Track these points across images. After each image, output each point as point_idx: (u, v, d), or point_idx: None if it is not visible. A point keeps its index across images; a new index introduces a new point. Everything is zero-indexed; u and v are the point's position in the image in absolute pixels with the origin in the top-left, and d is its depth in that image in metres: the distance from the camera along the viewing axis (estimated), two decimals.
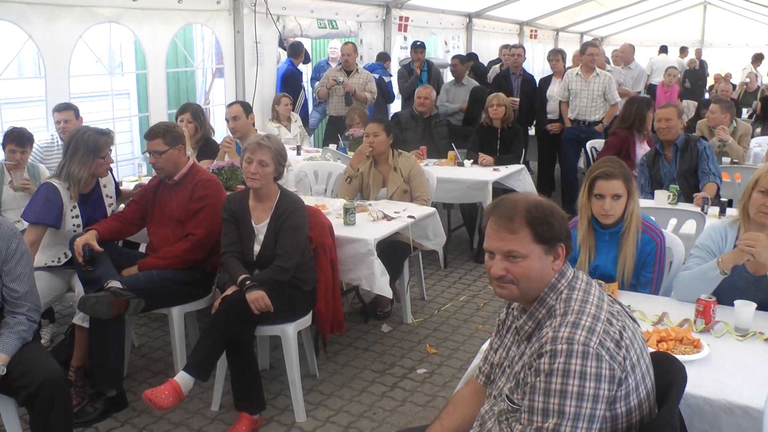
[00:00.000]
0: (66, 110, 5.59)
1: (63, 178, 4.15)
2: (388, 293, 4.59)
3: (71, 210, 4.19)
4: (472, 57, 11.08)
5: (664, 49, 15.53)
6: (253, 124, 6.12)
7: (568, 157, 8.58)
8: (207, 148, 5.81)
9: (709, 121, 7.22)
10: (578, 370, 1.91)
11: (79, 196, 4.22)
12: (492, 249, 2.13)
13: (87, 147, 4.14)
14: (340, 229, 4.57)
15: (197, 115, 5.81)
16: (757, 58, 14.60)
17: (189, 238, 4.18)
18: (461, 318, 5.53)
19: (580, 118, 8.43)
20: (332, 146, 7.75)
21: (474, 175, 6.67)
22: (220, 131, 7.35)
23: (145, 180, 5.48)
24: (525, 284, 2.11)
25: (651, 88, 13.10)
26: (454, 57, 9.76)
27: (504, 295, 2.15)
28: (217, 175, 5.04)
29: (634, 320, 2.16)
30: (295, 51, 9.35)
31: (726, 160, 6.85)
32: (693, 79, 14.93)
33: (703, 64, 16.21)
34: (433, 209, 5.27)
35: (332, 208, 5.09)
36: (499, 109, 7.25)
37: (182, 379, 3.59)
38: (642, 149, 6.67)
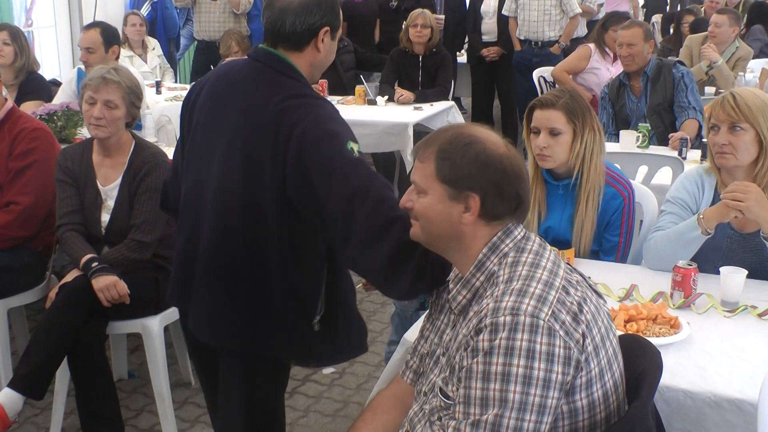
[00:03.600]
0: None
1: None
2: None
3: None
4: None
5: None
6: (117, 58, 5.92)
7: (522, 89, 8.62)
8: (31, 85, 5.63)
9: (713, 38, 7.19)
10: (525, 346, 1.93)
11: None
12: (411, 179, 2.29)
13: None
14: None
15: (17, 36, 5.60)
16: None
17: (11, 208, 4.07)
18: (378, 301, 5.55)
19: (530, 37, 8.50)
20: None
21: (390, 116, 6.66)
22: (49, 66, 7.13)
23: None
24: (425, 225, 2.24)
25: None
26: None
27: (413, 234, 2.29)
28: (48, 122, 4.89)
29: (599, 294, 2.20)
30: None
31: (710, 90, 6.98)
32: None
33: None
34: None
35: None
36: (423, 32, 7.23)
37: (7, 398, 3.51)
38: (611, 72, 6.80)
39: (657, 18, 12.18)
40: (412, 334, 2.55)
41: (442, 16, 9.25)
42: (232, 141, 2.59)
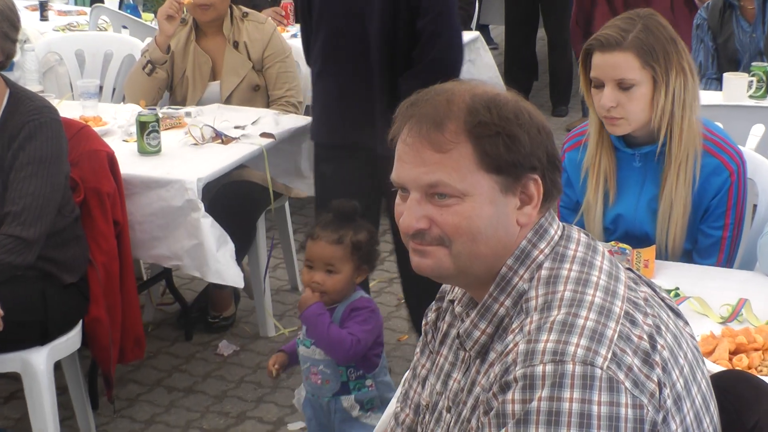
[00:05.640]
0: None
1: None
2: (234, 280, 4.60)
3: None
4: None
5: None
6: None
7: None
8: None
9: None
10: (576, 410, 1.89)
11: None
12: (404, 181, 2.11)
13: None
14: (132, 163, 4.56)
15: None
16: None
17: None
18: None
19: None
20: (109, 2, 7.60)
21: None
22: None
23: None
24: (464, 247, 2.08)
25: None
26: None
27: (426, 267, 2.13)
28: None
29: (678, 314, 2.18)
30: None
31: None
32: None
33: None
34: (309, 120, 5.21)
35: (116, 122, 5.05)
36: None
37: None
38: None
39: None
40: (408, 375, 2.52)
41: None
42: None
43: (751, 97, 5.25)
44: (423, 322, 2.40)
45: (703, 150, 3.49)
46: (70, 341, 4.07)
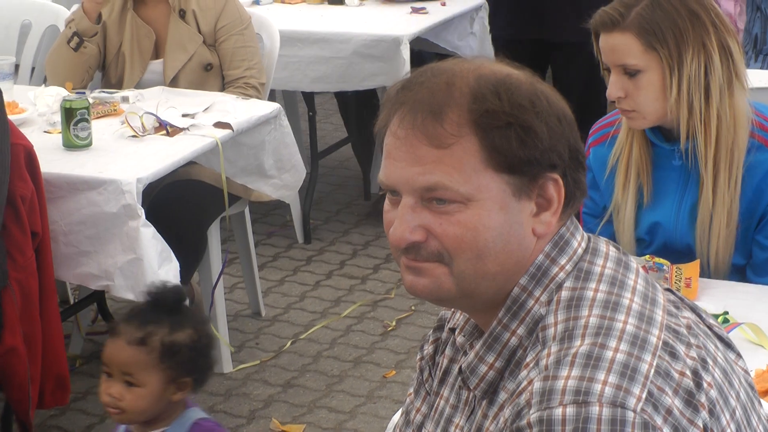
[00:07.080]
0: None
1: None
2: None
3: None
4: None
5: None
6: None
7: None
8: None
9: None
10: None
11: None
12: (394, 183, 2.06)
13: None
14: (55, 160, 4.56)
15: None
16: None
17: None
18: (347, 356, 5.60)
19: None
20: None
21: (369, 24, 6.71)
22: None
23: None
24: (469, 265, 2.05)
25: None
26: None
27: (422, 288, 2.09)
28: None
29: (728, 345, 2.18)
30: None
31: None
32: None
33: None
34: (275, 107, 5.29)
35: (35, 109, 5.05)
36: None
37: None
38: None
39: None
40: (397, 419, 2.51)
41: None
42: None
43: None
44: (418, 356, 2.37)
45: (757, 143, 3.49)
46: None
